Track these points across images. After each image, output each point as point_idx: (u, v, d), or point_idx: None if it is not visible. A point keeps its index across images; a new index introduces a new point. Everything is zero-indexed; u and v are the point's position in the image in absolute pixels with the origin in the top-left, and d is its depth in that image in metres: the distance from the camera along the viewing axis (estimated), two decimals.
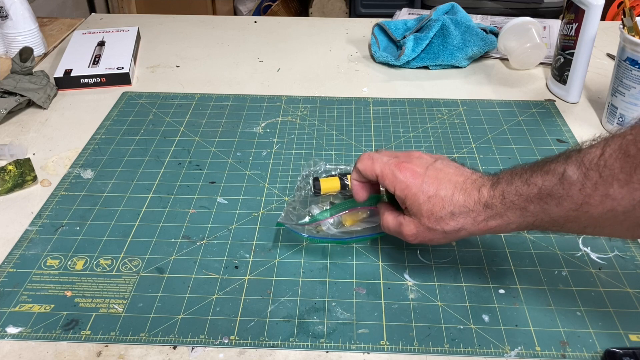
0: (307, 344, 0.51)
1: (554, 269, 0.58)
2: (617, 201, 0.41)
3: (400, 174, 0.52)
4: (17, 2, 1.00)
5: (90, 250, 0.61)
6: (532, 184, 0.46)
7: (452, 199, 0.50)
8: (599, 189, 0.42)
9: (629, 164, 0.41)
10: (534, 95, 0.90)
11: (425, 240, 0.52)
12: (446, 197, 0.50)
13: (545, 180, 0.45)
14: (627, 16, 0.77)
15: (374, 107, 0.87)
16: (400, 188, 0.52)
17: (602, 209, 0.42)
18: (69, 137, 0.81)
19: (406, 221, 0.52)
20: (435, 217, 0.50)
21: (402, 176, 0.52)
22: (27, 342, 0.51)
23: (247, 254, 0.60)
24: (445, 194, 0.50)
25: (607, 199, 0.42)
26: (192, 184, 0.71)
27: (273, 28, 1.16)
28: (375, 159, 0.54)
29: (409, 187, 0.51)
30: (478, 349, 0.50)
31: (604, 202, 0.42)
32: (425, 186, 0.51)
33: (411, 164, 0.53)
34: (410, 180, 0.51)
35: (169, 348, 0.51)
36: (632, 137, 0.41)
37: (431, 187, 0.50)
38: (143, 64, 1.01)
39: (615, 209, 0.42)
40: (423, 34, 0.99)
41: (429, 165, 0.52)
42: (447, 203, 0.50)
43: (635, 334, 0.51)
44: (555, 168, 0.45)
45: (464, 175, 0.51)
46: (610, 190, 0.41)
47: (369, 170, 0.54)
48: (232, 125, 0.83)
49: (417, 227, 0.51)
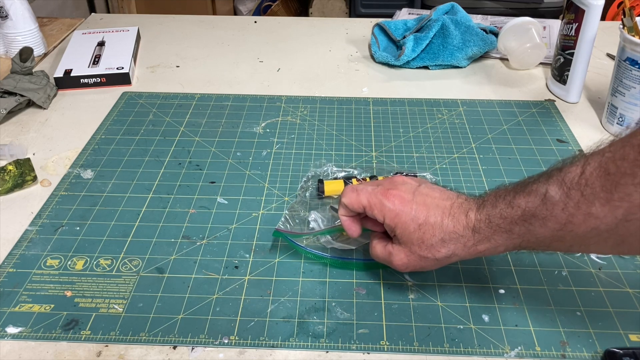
0: (307, 344, 0.51)
1: (554, 269, 0.58)
2: (599, 219, 0.41)
3: (389, 202, 0.51)
4: (17, 2, 1.00)
5: (90, 250, 0.61)
6: (515, 206, 0.46)
7: (441, 225, 0.49)
8: (581, 208, 0.42)
9: (609, 182, 0.40)
10: (534, 95, 0.90)
11: (416, 269, 0.52)
12: (436, 223, 0.49)
13: (528, 202, 0.45)
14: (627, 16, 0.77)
15: (374, 107, 0.87)
16: (389, 217, 0.51)
17: (586, 228, 0.42)
18: (69, 137, 0.81)
19: (396, 250, 0.52)
20: (427, 245, 0.50)
21: (390, 204, 0.51)
22: (27, 342, 0.51)
23: (247, 254, 0.60)
24: (435, 221, 0.49)
25: (590, 217, 0.42)
26: (192, 184, 0.71)
27: (273, 28, 1.16)
28: (360, 190, 0.53)
29: (398, 216, 0.50)
30: (478, 349, 0.50)
31: (587, 221, 0.42)
32: (415, 213, 0.50)
33: (397, 190, 0.52)
34: (399, 207, 0.51)
35: (169, 348, 0.51)
36: (610, 154, 0.41)
37: (421, 214, 0.50)
38: (143, 64, 1.01)
39: (599, 227, 0.42)
40: (423, 34, 0.99)
41: (414, 190, 0.52)
42: (437, 230, 0.49)
43: (635, 334, 0.51)
44: (537, 188, 0.45)
45: (450, 199, 0.51)
46: (593, 209, 0.41)
47: (355, 203, 0.53)
48: (232, 125, 0.83)
49: (407, 257, 0.51)
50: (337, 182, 0.67)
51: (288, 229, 0.61)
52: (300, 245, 0.59)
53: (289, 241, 0.60)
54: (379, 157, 0.75)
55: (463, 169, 0.73)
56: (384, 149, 0.77)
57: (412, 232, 0.50)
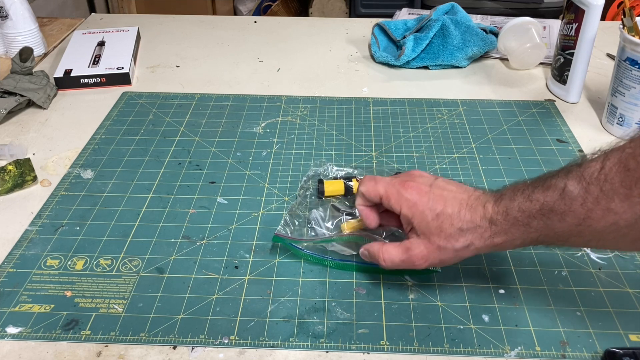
0: (307, 344, 0.51)
1: (554, 269, 0.58)
2: (619, 215, 0.42)
3: (406, 192, 0.51)
4: (17, 2, 1.00)
5: (90, 250, 0.61)
6: (534, 200, 0.46)
7: (459, 215, 0.49)
8: (600, 203, 0.42)
9: (629, 177, 0.41)
10: (534, 95, 0.90)
11: (435, 262, 0.51)
12: (453, 213, 0.49)
13: (546, 196, 0.45)
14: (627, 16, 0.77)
15: (374, 107, 0.87)
16: (407, 206, 0.51)
17: (605, 223, 0.42)
18: (69, 137, 0.81)
19: (414, 244, 0.51)
20: (445, 235, 0.49)
21: (407, 194, 0.51)
22: (27, 342, 0.51)
23: (247, 254, 0.60)
24: (452, 211, 0.49)
25: (609, 213, 0.42)
26: (192, 184, 0.71)
27: (273, 28, 1.16)
28: (378, 180, 0.54)
29: (416, 205, 0.50)
30: (478, 349, 0.50)
31: (606, 217, 0.42)
32: (432, 204, 0.50)
33: (415, 182, 0.52)
34: (416, 197, 0.51)
35: (169, 348, 0.51)
36: (630, 150, 0.41)
37: (438, 205, 0.50)
38: (143, 64, 1.01)
39: (618, 222, 0.42)
40: (423, 34, 0.99)
41: (431, 183, 0.52)
42: (455, 220, 0.49)
43: (635, 334, 0.51)
44: (556, 183, 0.45)
45: (468, 192, 0.51)
46: (612, 205, 0.42)
47: (372, 192, 0.53)
48: (232, 125, 0.83)
49: (427, 247, 0.50)
50: (337, 183, 0.67)
51: (288, 233, 0.61)
52: (300, 249, 0.59)
53: (288, 245, 0.60)
54: (379, 157, 0.75)
55: (463, 169, 0.73)
56: (384, 149, 0.77)
57: (430, 221, 0.50)
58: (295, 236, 0.60)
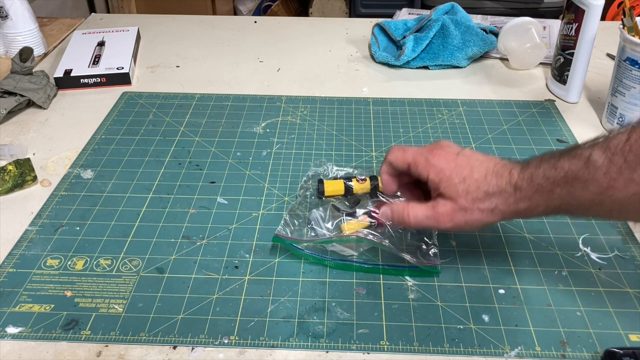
0: (307, 344, 0.51)
1: (554, 269, 0.58)
2: None
3: (434, 159, 0.53)
4: (17, 2, 1.00)
5: (90, 250, 0.61)
6: (559, 167, 0.47)
7: (485, 180, 0.51)
8: (623, 173, 0.43)
9: None
10: (534, 95, 0.90)
11: (459, 223, 0.52)
12: (480, 178, 0.51)
13: (571, 164, 0.46)
14: (627, 16, 0.77)
15: (374, 107, 0.87)
16: (434, 172, 0.53)
17: (627, 193, 0.44)
18: (69, 137, 0.81)
19: (440, 203, 0.52)
20: (472, 197, 0.51)
21: (435, 161, 0.53)
22: (27, 342, 0.51)
23: (247, 254, 0.60)
24: (479, 176, 0.51)
25: (632, 183, 0.43)
26: (192, 184, 0.71)
27: (273, 28, 1.16)
28: (407, 149, 0.56)
29: (443, 171, 0.52)
30: (478, 349, 0.50)
31: (628, 187, 0.43)
32: (459, 169, 0.52)
33: (442, 150, 0.54)
34: (444, 163, 0.52)
35: (169, 348, 0.51)
36: None
37: (465, 170, 0.52)
38: (143, 64, 1.01)
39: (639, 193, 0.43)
40: (423, 34, 0.99)
41: (459, 151, 0.54)
42: (481, 183, 0.51)
43: (635, 334, 0.51)
44: (581, 153, 0.46)
45: (494, 160, 0.53)
46: (635, 175, 0.43)
47: (400, 160, 0.55)
48: (232, 125, 0.83)
49: (453, 208, 0.52)
50: (337, 183, 0.67)
51: (288, 233, 0.61)
52: (300, 249, 0.59)
53: (288, 246, 0.60)
54: (379, 157, 0.75)
55: None
56: (384, 149, 0.77)
57: (457, 184, 0.51)
58: (295, 236, 0.60)
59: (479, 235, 0.62)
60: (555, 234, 0.62)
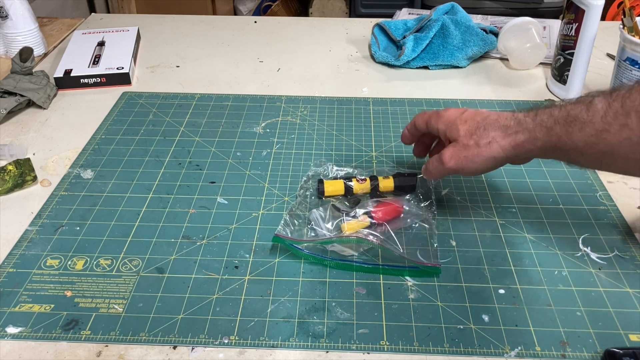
0: (307, 344, 0.51)
1: (554, 269, 0.58)
2: (633, 131, 0.47)
3: (444, 112, 0.61)
4: (17, 2, 1.00)
5: (90, 250, 0.61)
6: (563, 108, 0.52)
7: (487, 119, 0.57)
8: (618, 118, 0.48)
9: None
10: (534, 95, 0.90)
11: (460, 161, 0.57)
12: (481, 120, 0.57)
13: (575, 107, 0.51)
14: (627, 16, 0.77)
15: (374, 107, 0.87)
16: (442, 122, 0.60)
17: (619, 137, 0.48)
18: (69, 137, 0.81)
19: (446, 148, 0.59)
20: (472, 134, 0.57)
21: (444, 112, 0.61)
22: (27, 342, 0.51)
23: (247, 254, 0.60)
24: (481, 118, 0.58)
25: (625, 128, 0.47)
26: (192, 184, 0.71)
27: (273, 28, 1.16)
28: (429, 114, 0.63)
29: (449, 119, 0.60)
30: (478, 349, 0.50)
31: (622, 131, 0.47)
32: (464, 115, 0.59)
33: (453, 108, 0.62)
34: (452, 114, 0.60)
35: (169, 348, 0.51)
36: None
37: (469, 115, 0.59)
38: (143, 64, 1.01)
39: (631, 138, 0.47)
40: (423, 34, 0.99)
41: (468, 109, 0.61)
42: (481, 123, 0.57)
43: (635, 334, 0.51)
44: (586, 98, 0.51)
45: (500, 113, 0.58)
46: (628, 120, 0.47)
47: (420, 120, 0.63)
48: (232, 125, 0.83)
49: (454, 147, 0.58)
50: (337, 183, 0.67)
51: (288, 233, 0.61)
52: (300, 249, 0.59)
53: (288, 246, 0.60)
54: (379, 157, 0.75)
55: None
56: (384, 149, 0.77)
57: (460, 127, 0.58)
58: (295, 236, 0.60)
59: (479, 235, 0.62)
60: (555, 234, 0.62)
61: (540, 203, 0.67)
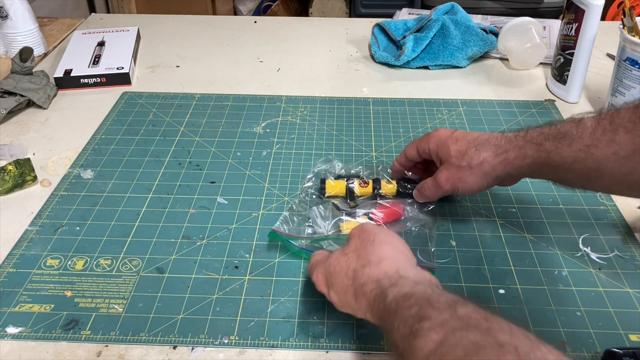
0: (307, 344, 0.51)
1: (554, 269, 0.58)
2: (620, 146, 0.48)
3: (435, 132, 0.62)
4: (17, 2, 1.00)
5: (90, 250, 0.61)
6: (553, 126, 0.54)
7: (477, 139, 0.58)
8: (606, 134, 0.49)
9: (636, 114, 0.47)
10: (534, 95, 0.90)
11: (455, 182, 0.58)
12: (472, 139, 0.58)
13: (565, 125, 0.53)
14: (627, 16, 0.77)
15: (374, 107, 0.87)
16: (434, 142, 0.61)
17: (607, 152, 0.49)
18: (69, 137, 0.81)
19: (439, 171, 0.60)
20: (462, 154, 0.58)
21: (435, 133, 0.62)
22: (27, 342, 0.51)
23: (247, 254, 0.60)
24: (472, 137, 0.59)
25: (612, 143, 0.48)
26: (192, 184, 0.71)
27: (273, 28, 1.16)
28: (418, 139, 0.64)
29: (440, 138, 0.60)
30: None
31: (609, 146, 0.49)
32: (455, 135, 0.60)
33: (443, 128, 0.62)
34: (442, 133, 0.61)
35: (169, 348, 0.51)
36: None
37: (459, 135, 0.59)
38: (143, 64, 1.01)
39: (618, 152, 0.48)
40: (423, 34, 0.99)
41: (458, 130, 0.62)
42: (471, 143, 0.58)
43: (635, 334, 0.51)
44: (575, 117, 0.53)
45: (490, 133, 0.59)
46: (616, 136, 0.48)
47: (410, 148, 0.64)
48: (232, 125, 0.83)
49: (448, 170, 0.59)
50: (339, 183, 0.67)
51: (285, 230, 0.61)
52: (295, 245, 0.59)
53: (284, 242, 0.60)
54: (379, 157, 0.75)
55: None
56: (384, 149, 0.77)
57: (451, 147, 0.59)
58: (292, 233, 0.60)
59: (479, 235, 0.62)
60: (555, 234, 0.62)
61: (540, 203, 0.67)
